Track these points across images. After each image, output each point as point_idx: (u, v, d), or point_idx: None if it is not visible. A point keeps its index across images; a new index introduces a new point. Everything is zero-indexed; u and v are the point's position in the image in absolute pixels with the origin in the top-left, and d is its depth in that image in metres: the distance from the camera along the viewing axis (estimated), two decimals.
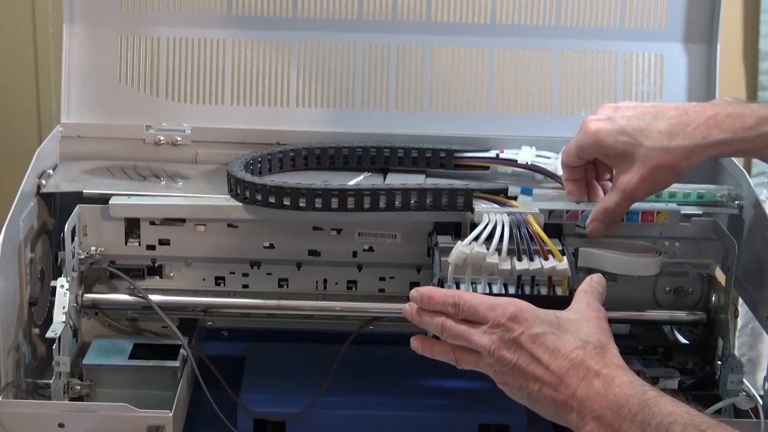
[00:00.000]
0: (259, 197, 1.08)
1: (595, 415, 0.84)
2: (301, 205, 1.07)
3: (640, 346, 1.15)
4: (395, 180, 1.18)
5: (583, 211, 1.08)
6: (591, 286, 0.95)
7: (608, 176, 1.09)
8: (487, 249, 1.00)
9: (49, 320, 1.07)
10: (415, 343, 0.97)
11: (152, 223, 1.13)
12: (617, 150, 1.02)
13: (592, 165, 1.09)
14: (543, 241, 1.01)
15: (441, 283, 1.01)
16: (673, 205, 1.11)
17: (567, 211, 1.09)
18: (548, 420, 0.89)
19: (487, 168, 1.23)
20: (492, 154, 1.22)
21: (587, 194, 1.10)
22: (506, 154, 1.22)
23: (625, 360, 1.11)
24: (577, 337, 0.88)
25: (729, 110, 0.98)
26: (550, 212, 1.08)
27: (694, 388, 1.11)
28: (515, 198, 1.10)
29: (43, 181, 1.15)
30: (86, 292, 1.13)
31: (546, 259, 1.00)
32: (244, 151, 1.19)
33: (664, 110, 1.02)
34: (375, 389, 1.17)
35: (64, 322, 1.04)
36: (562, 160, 1.09)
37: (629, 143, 1.01)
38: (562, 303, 0.94)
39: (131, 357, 1.11)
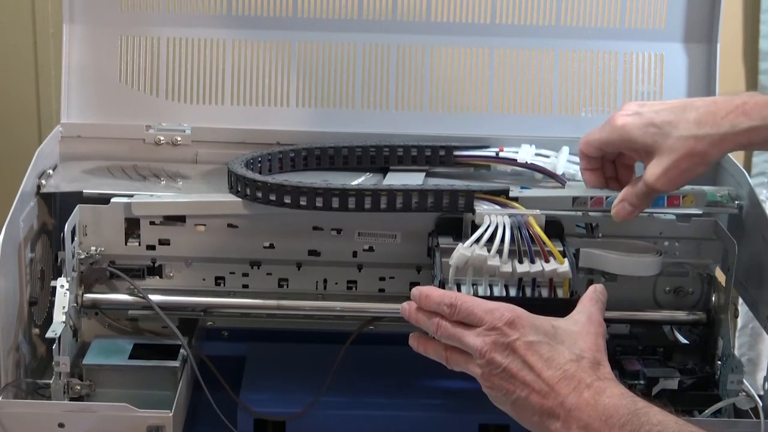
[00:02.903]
0: (259, 195, 1.08)
1: (581, 424, 0.84)
2: (302, 203, 1.07)
3: (640, 346, 1.14)
4: (395, 179, 1.18)
5: (607, 197, 1.08)
6: (596, 295, 0.94)
7: (627, 178, 1.09)
8: (489, 251, 1.00)
9: (49, 320, 1.07)
10: (411, 340, 0.97)
11: (152, 223, 1.13)
12: (645, 142, 1.01)
13: (611, 165, 1.09)
14: (544, 242, 1.01)
15: (442, 285, 1.01)
16: (699, 188, 1.09)
17: (591, 198, 1.08)
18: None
19: (488, 167, 1.23)
20: (491, 152, 1.22)
21: (605, 183, 1.10)
22: (506, 152, 1.22)
23: (625, 360, 1.12)
24: (572, 350, 0.88)
25: (757, 99, 0.98)
26: (574, 199, 1.08)
27: (694, 388, 1.11)
28: (516, 199, 1.10)
29: (43, 181, 1.15)
30: (86, 292, 1.13)
31: (547, 261, 1.00)
32: (244, 151, 1.19)
33: (692, 102, 1.01)
34: (375, 389, 1.17)
35: (64, 322, 1.04)
36: (580, 148, 1.09)
37: (657, 134, 1.01)
38: (564, 305, 0.94)
39: (131, 357, 1.11)
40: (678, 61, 1.29)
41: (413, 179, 1.19)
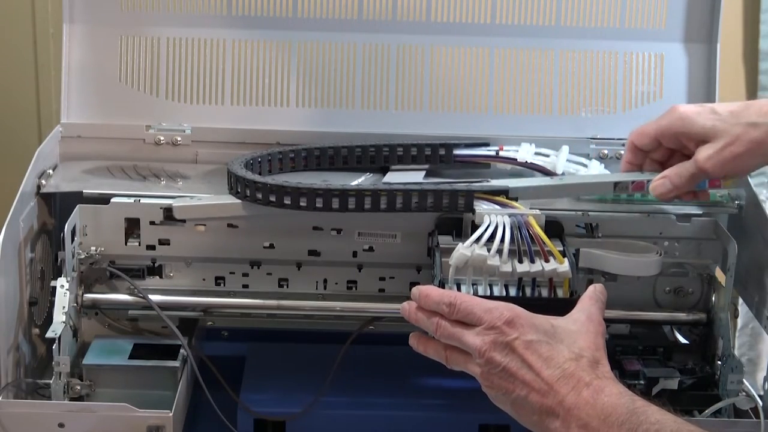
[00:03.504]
0: (259, 196, 1.08)
1: (581, 423, 0.84)
2: (302, 204, 1.07)
3: (640, 346, 1.14)
4: (395, 178, 1.18)
5: (648, 180, 1.08)
6: (595, 294, 0.94)
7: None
8: (488, 251, 1.00)
9: (49, 320, 1.07)
10: (412, 339, 0.97)
11: (152, 223, 1.13)
12: (704, 126, 1.03)
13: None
14: (543, 242, 1.01)
15: (442, 285, 1.01)
16: None
17: (632, 182, 1.09)
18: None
19: (488, 165, 1.23)
20: (491, 151, 1.22)
21: None
22: (505, 151, 1.22)
23: (625, 360, 1.12)
24: (571, 349, 0.88)
25: None
26: (615, 184, 1.09)
27: (694, 388, 1.11)
28: (516, 199, 1.10)
29: (43, 181, 1.15)
30: (86, 292, 1.13)
31: (547, 260, 1.00)
32: (244, 151, 1.19)
33: (753, 101, 1.04)
34: (375, 389, 1.17)
35: (64, 322, 1.04)
36: (630, 139, 1.10)
37: (717, 119, 1.03)
38: (563, 305, 0.94)
39: (131, 357, 1.11)
40: (678, 61, 1.29)
41: (413, 178, 1.19)
